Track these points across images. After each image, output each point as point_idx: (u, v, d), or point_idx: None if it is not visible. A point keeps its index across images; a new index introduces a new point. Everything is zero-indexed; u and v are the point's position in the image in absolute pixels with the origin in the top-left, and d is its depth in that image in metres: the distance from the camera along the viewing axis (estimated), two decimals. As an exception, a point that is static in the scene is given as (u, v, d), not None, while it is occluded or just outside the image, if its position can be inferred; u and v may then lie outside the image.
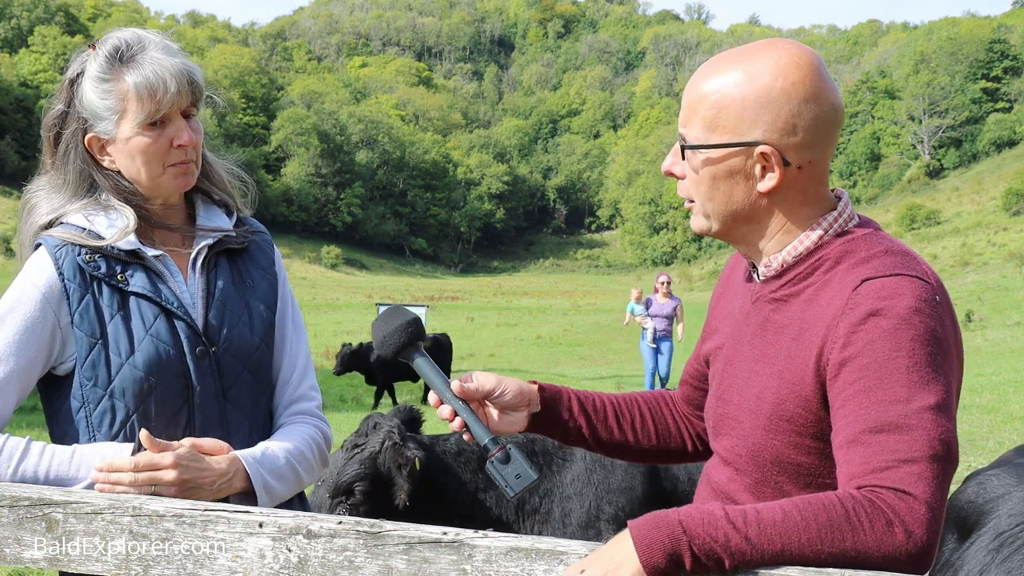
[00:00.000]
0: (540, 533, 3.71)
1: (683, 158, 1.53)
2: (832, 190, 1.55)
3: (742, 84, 1.45)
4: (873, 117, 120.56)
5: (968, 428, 9.61)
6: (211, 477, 1.71)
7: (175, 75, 1.77)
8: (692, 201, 1.56)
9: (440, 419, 1.61)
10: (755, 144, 1.44)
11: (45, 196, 1.85)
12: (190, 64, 1.82)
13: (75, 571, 1.45)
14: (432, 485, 3.51)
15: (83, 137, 1.81)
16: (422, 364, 1.61)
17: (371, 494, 3.39)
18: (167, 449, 1.69)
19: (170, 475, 1.66)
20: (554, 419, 1.75)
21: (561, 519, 3.75)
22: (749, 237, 1.54)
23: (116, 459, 1.67)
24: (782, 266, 1.52)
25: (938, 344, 1.33)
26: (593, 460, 3.81)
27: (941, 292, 1.41)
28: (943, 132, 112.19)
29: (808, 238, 1.49)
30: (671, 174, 1.57)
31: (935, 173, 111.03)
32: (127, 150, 1.80)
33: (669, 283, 13.76)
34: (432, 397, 1.62)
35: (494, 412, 1.69)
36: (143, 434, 1.69)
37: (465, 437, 1.59)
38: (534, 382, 1.75)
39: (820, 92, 1.44)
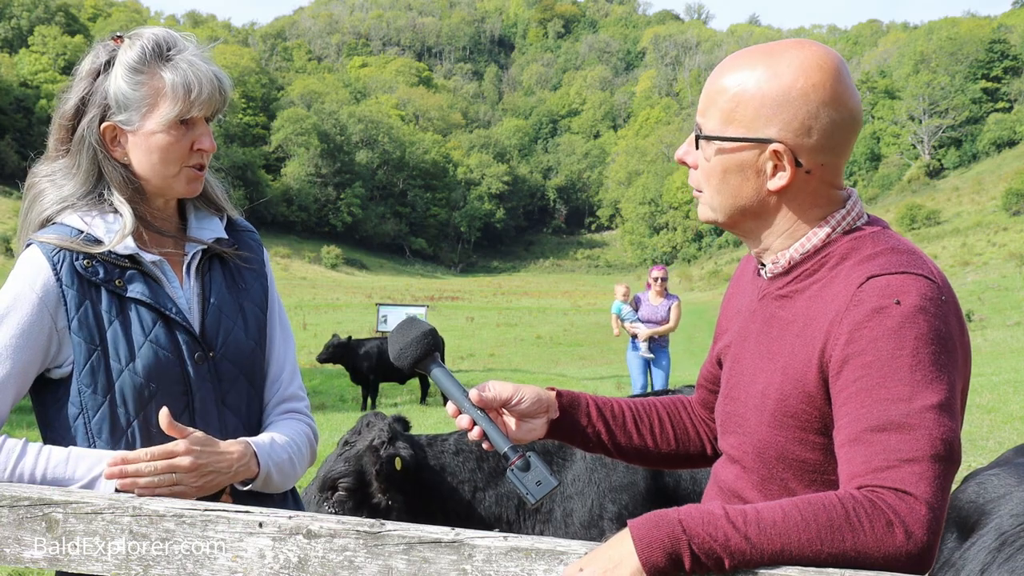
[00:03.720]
0: (542, 533, 3.71)
1: (697, 147, 1.53)
2: (843, 188, 1.54)
3: (763, 80, 1.44)
4: (873, 117, 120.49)
5: (968, 428, 9.60)
6: (227, 461, 1.73)
7: (210, 80, 1.80)
8: (701, 191, 1.56)
9: (459, 428, 1.61)
10: (769, 141, 1.44)
11: (54, 184, 1.83)
12: (222, 73, 1.84)
13: (75, 571, 1.45)
14: (428, 484, 3.52)
15: (99, 125, 1.80)
16: (439, 375, 1.61)
17: (355, 491, 3.41)
18: (185, 431, 1.70)
19: (186, 460, 1.67)
20: (573, 425, 1.74)
21: (563, 519, 3.75)
22: (755, 232, 1.54)
23: (127, 454, 1.67)
24: (789, 263, 1.51)
25: (942, 343, 1.33)
26: (593, 459, 3.80)
27: (947, 291, 1.40)
28: (943, 132, 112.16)
29: (816, 235, 1.49)
30: (683, 162, 1.57)
31: (935, 173, 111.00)
32: (147, 145, 1.79)
33: (664, 280, 10.63)
34: (450, 407, 1.62)
35: (511, 421, 1.68)
36: (163, 412, 1.69)
37: (484, 446, 1.58)
38: (552, 388, 1.74)
39: (840, 97, 1.44)
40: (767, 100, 1.44)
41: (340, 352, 14.90)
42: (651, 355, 10.55)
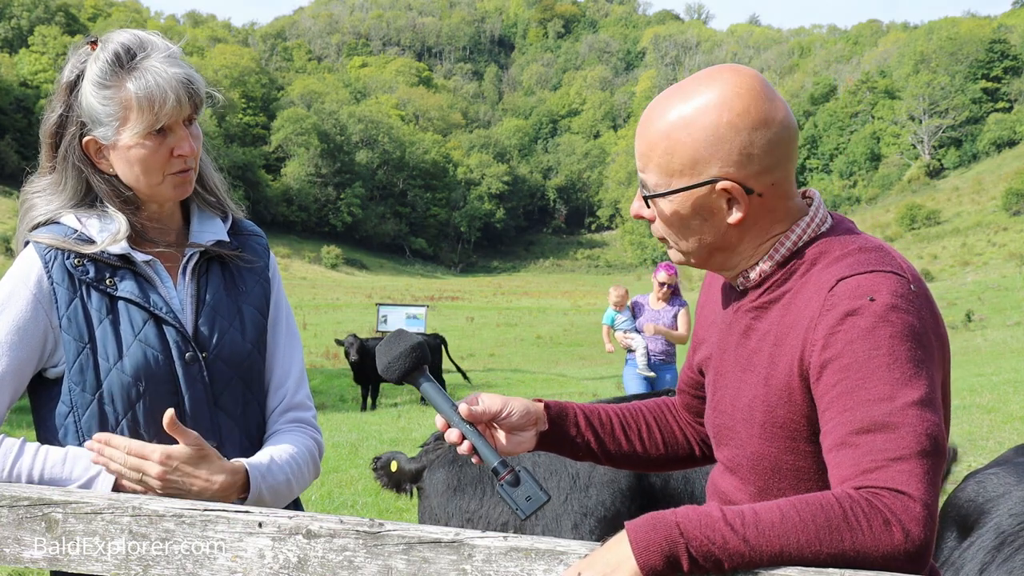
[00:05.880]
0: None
1: (648, 205, 1.54)
2: (803, 191, 1.56)
3: (688, 124, 1.44)
4: (873, 117, 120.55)
5: (968, 428, 9.59)
6: (199, 486, 1.68)
7: (175, 87, 1.74)
8: (666, 240, 1.57)
9: (448, 443, 1.59)
10: (715, 181, 1.44)
11: (43, 199, 1.83)
12: (192, 73, 1.79)
13: (75, 571, 1.45)
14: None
15: (81, 140, 1.79)
16: (428, 389, 1.61)
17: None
18: (187, 437, 1.68)
19: (154, 469, 1.65)
20: (562, 436, 1.74)
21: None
22: (727, 263, 1.56)
23: (115, 437, 1.68)
24: (760, 276, 1.53)
25: (917, 338, 1.34)
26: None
27: (917, 283, 1.41)
28: (943, 132, 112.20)
29: (783, 246, 1.50)
30: (640, 217, 1.57)
31: (935, 173, 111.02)
32: (127, 157, 1.78)
33: (671, 287, 8.58)
34: (439, 421, 1.61)
35: (501, 434, 1.68)
36: (167, 413, 1.67)
37: (474, 460, 1.58)
38: (539, 400, 1.74)
39: (767, 115, 1.44)
40: (699, 143, 1.44)
41: (363, 352, 14.77)
42: (651, 373, 8.57)
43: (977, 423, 9.93)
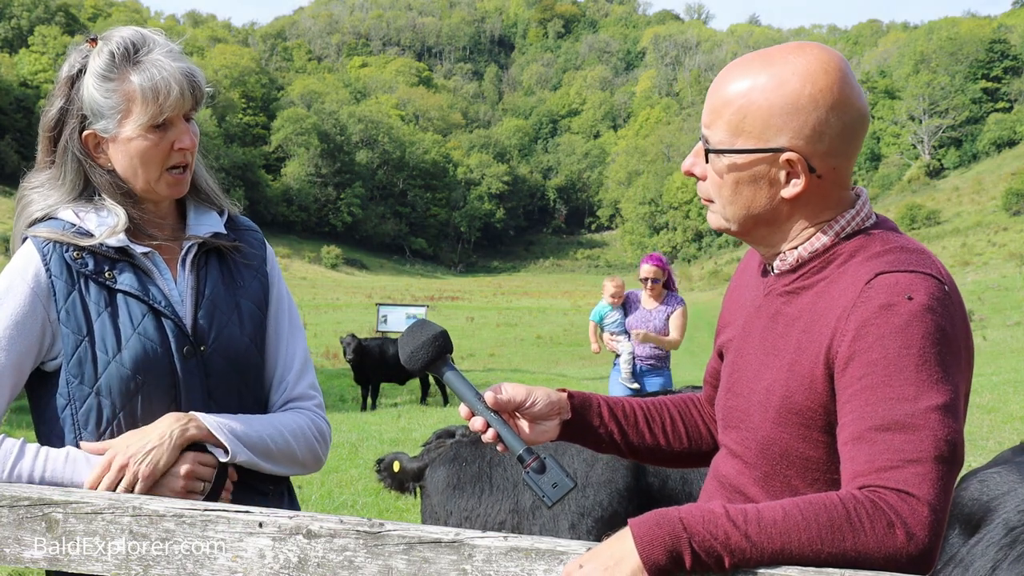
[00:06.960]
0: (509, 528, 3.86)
1: (706, 160, 1.52)
2: (852, 188, 1.54)
3: (769, 89, 1.43)
4: (873, 117, 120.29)
5: (968, 428, 9.53)
6: (156, 431, 1.70)
7: (179, 80, 1.76)
8: (712, 201, 1.55)
9: (473, 431, 1.60)
10: (781, 151, 1.43)
11: (41, 193, 1.84)
12: (193, 67, 1.81)
13: (75, 571, 1.45)
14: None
15: (80, 133, 1.80)
16: (452, 378, 1.60)
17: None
18: (106, 447, 1.71)
19: (119, 460, 1.67)
20: (585, 426, 1.74)
21: (531, 511, 3.83)
22: (768, 239, 1.54)
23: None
24: (797, 261, 1.51)
25: (948, 344, 1.33)
26: (574, 453, 3.88)
27: (954, 292, 1.40)
28: (943, 132, 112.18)
29: (825, 234, 1.49)
30: (691, 174, 1.56)
31: (935, 173, 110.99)
32: (127, 150, 1.79)
33: (656, 281, 7.29)
34: (463, 409, 1.61)
35: (524, 424, 1.67)
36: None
37: (499, 448, 1.59)
38: (563, 390, 1.73)
39: (848, 99, 1.43)
40: (775, 109, 1.42)
41: (361, 352, 14.85)
42: (635, 384, 7.45)
43: (977, 423, 9.92)
